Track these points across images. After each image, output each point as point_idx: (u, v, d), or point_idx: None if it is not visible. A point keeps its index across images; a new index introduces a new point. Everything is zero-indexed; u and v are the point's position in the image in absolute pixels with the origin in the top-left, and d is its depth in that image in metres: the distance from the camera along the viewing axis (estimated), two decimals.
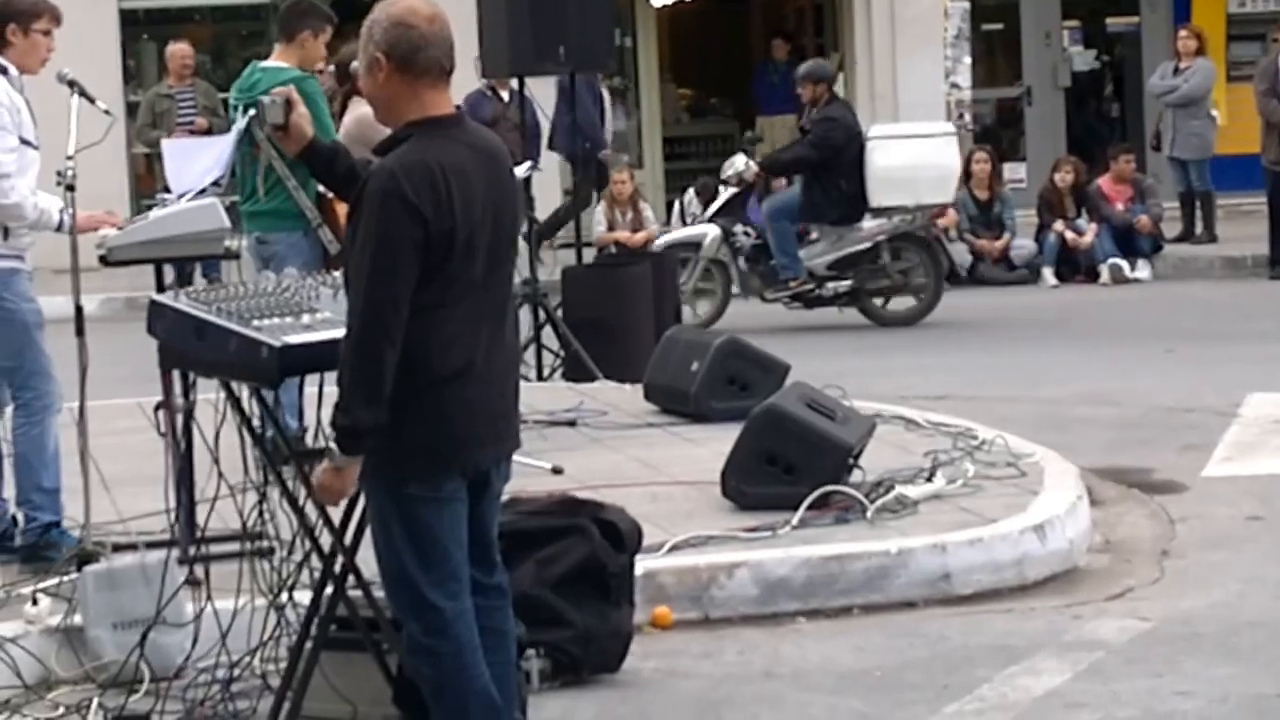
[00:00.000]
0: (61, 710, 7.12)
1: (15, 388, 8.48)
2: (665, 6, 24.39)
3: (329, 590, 6.35)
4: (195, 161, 9.19)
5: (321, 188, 10.29)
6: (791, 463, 8.96)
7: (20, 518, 8.56)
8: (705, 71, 24.95)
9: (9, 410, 8.57)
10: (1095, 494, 10.06)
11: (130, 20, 21.37)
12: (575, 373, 13.01)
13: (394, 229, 5.53)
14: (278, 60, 10.50)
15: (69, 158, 8.25)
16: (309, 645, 6.41)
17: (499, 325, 5.87)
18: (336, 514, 6.20)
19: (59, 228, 8.39)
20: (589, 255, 15.84)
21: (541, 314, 13.13)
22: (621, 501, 9.22)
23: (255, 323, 6.17)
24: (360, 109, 10.98)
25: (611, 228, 18.99)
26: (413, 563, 5.75)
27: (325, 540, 6.36)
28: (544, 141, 18.15)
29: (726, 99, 24.36)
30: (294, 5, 10.75)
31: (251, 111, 8.50)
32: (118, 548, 8.18)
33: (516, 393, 6.06)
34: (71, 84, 8.56)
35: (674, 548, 8.37)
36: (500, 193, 5.83)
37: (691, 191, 19.66)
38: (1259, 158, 19.21)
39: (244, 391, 6.57)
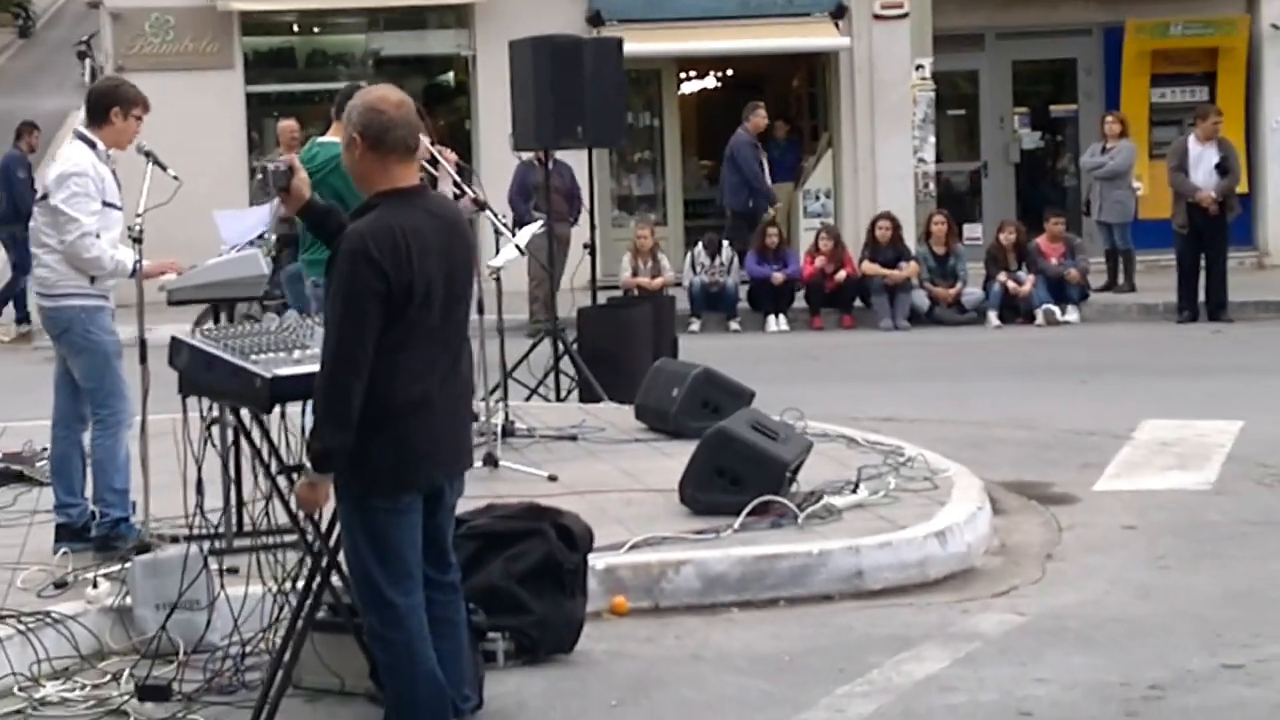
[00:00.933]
0: (107, 678, 6.99)
1: (95, 405, 8.38)
2: (691, 93, 24.30)
3: (317, 581, 6.22)
4: (242, 223, 9.13)
5: None
6: (737, 475, 8.77)
7: (96, 513, 8.47)
8: (722, 145, 24.71)
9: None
10: (1000, 504, 9.83)
11: (256, 100, 21.31)
12: (586, 395, 12.90)
13: (361, 284, 5.43)
14: (331, 136, 10.33)
15: (138, 215, 8.19)
16: (299, 626, 6.27)
17: (453, 362, 5.76)
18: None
19: (132, 274, 8.30)
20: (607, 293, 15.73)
21: (560, 346, 13.01)
22: (601, 505, 9.12)
23: (254, 357, 6.03)
24: None
25: (635, 274, 18.90)
26: (373, 564, 5.62)
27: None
28: (584, 201, 18.15)
29: None
30: (346, 91, 10.62)
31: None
32: (166, 540, 8.02)
33: (468, 419, 5.95)
34: (148, 154, 8.50)
35: (633, 546, 8.16)
36: (454, 251, 5.72)
37: (700, 245, 19.49)
38: (1170, 222, 19.03)
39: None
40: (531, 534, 7.14)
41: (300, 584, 6.41)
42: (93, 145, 8.37)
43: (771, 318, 19.00)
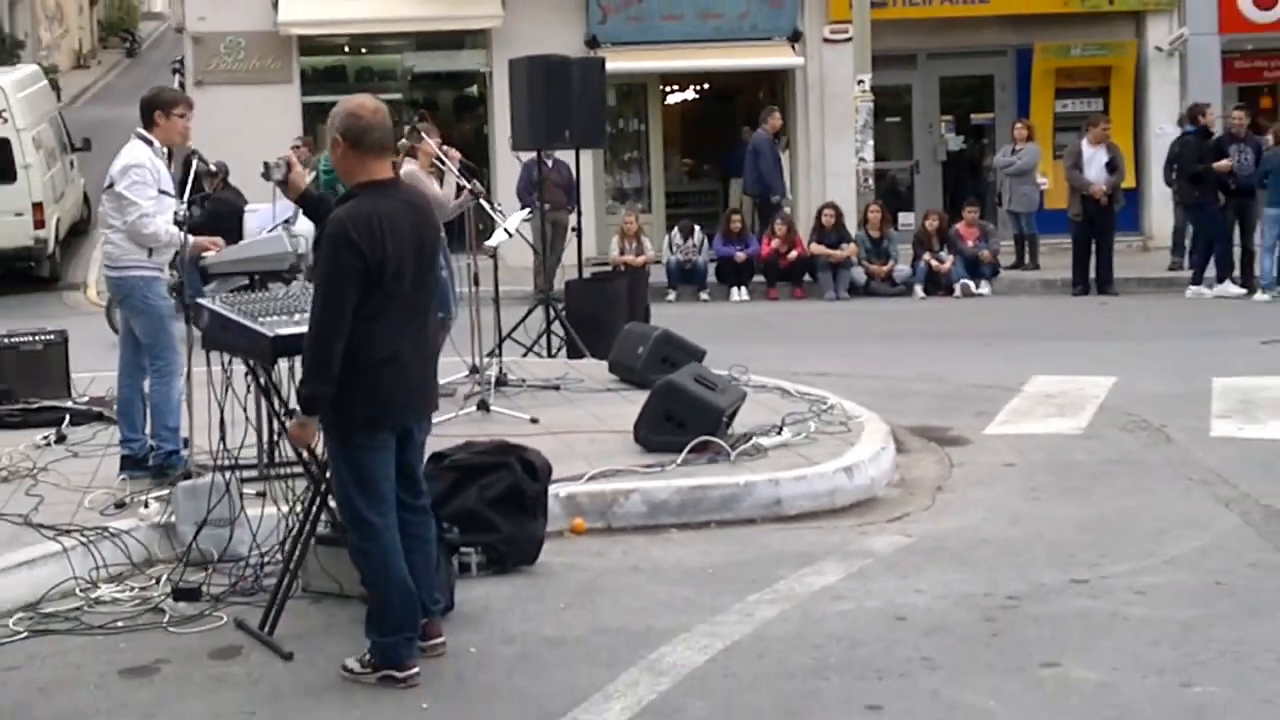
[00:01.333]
0: (153, 582, 6.99)
1: (152, 358, 8.36)
2: (676, 103, 24.15)
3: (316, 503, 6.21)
4: (266, 216, 9.09)
5: None
6: (682, 420, 8.72)
7: (153, 447, 8.45)
8: (699, 146, 24.62)
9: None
10: (904, 445, 9.78)
11: (311, 110, 21.13)
12: (573, 353, 12.83)
13: (341, 261, 5.41)
14: None
15: (181, 203, 8.16)
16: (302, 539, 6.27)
17: (421, 325, 5.72)
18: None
19: (179, 250, 8.29)
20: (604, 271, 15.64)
21: (551, 312, 12.96)
22: (570, 443, 9.07)
23: (260, 319, 6.01)
24: (406, 167, 10.80)
25: (622, 253, 18.81)
26: (354, 491, 5.61)
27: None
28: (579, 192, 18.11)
29: (714, 165, 24.01)
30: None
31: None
32: (205, 469, 8.00)
33: (433, 371, 5.91)
34: (193, 152, 8.46)
35: (591, 477, 8.13)
36: (423, 233, 5.68)
37: (676, 229, 19.40)
38: (1067, 211, 18.95)
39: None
40: (501, 466, 7.12)
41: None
42: (149, 143, 8.33)
43: (735, 289, 18.90)
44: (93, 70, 45.45)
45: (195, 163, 8.40)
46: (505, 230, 10.54)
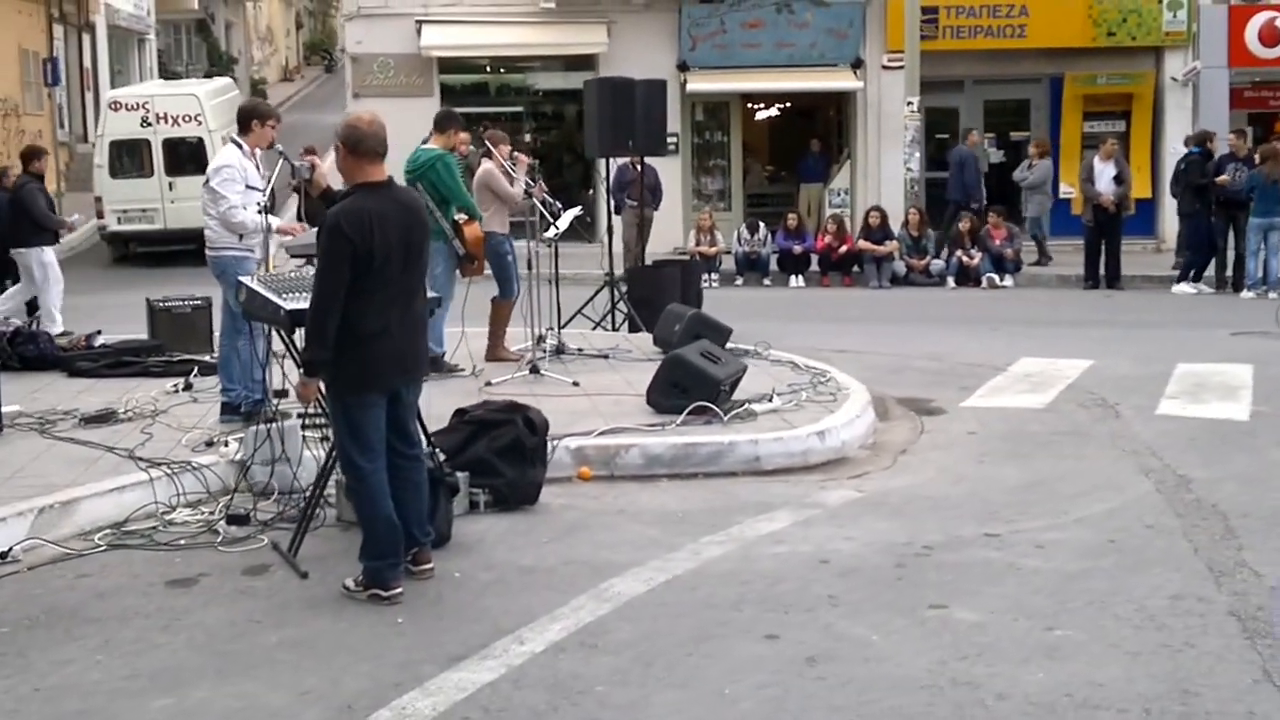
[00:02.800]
0: (219, 504, 7.06)
1: (244, 322, 8.41)
2: (763, 119, 23.94)
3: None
4: None
5: (458, 216, 10.22)
6: (685, 387, 8.62)
7: (246, 396, 8.54)
8: (779, 155, 24.37)
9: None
10: (888, 413, 9.59)
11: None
12: (633, 328, 12.79)
13: (335, 249, 5.41)
14: (432, 144, 10.31)
15: (263, 194, 8.23)
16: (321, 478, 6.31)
17: (408, 303, 5.68)
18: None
19: (265, 235, 8.36)
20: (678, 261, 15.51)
21: (616, 293, 12.92)
22: (595, 403, 9.02)
23: (284, 295, 6.04)
24: (484, 165, 10.84)
25: (697, 244, 18.70)
26: (347, 440, 5.62)
27: None
28: (663, 194, 18.09)
29: (791, 171, 23.75)
30: (445, 113, 10.60)
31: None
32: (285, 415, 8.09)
33: (421, 343, 5.84)
34: (280, 152, 8.50)
35: (601, 433, 8.09)
36: (411, 228, 5.63)
37: (744, 225, 19.24)
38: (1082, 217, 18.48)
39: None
40: (507, 422, 7.10)
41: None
42: (240, 146, 8.40)
43: (793, 278, 18.70)
44: (296, 83, 46.21)
45: (281, 162, 8.44)
46: (556, 226, 10.50)
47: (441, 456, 6.95)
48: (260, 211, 8.09)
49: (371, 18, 21.31)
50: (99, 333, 11.68)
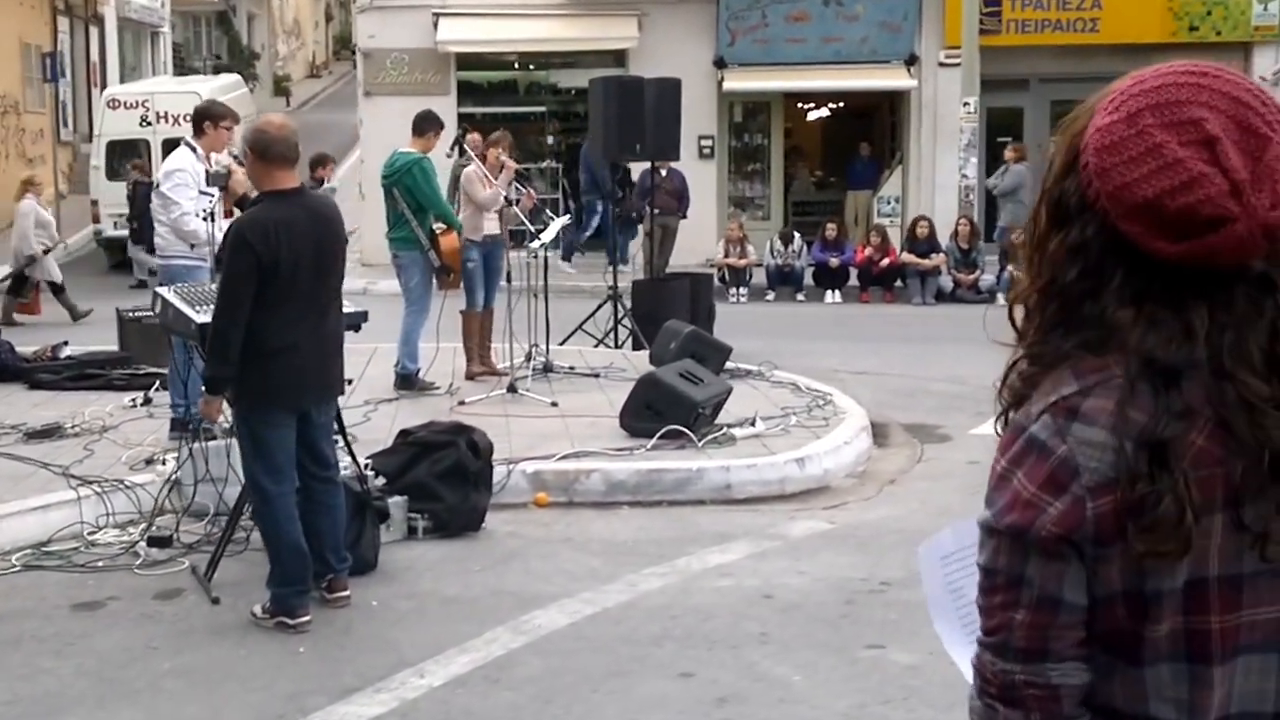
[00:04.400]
0: (146, 526, 7.25)
1: None
2: (803, 120, 24.08)
3: None
4: None
5: (435, 225, 10.45)
6: (660, 409, 8.76)
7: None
8: (827, 160, 24.46)
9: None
10: (889, 439, 9.68)
11: (464, 119, 21.20)
12: (636, 345, 12.91)
13: (238, 260, 5.62)
14: (409, 148, 10.55)
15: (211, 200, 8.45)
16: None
17: (321, 317, 5.86)
18: None
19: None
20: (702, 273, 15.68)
21: (620, 309, 13.11)
22: (571, 425, 9.18)
23: (197, 307, 6.27)
24: (468, 170, 11.07)
25: (726, 255, 18.84)
26: (252, 460, 5.82)
27: None
28: (689, 201, 18.31)
29: (840, 177, 23.82)
30: (423, 114, 10.82)
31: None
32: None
33: (334, 359, 6.03)
34: (236, 157, 8.73)
35: (563, 457, 8.26)
36: (322, 237, 5.82)
37: (777, 236, 19.37)
38: None
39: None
40: (450, 444, 7.29)
41: None
42: (194, 150, 8.65)
43: (829, 292, 18.76)
44: (323, 79, 46.89)
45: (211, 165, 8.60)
46: (538, 238, 10.72)
47: (381, 480, 7.19)
48: (205, 219, 8.32)
49: (385, 10, 21.66)
50: (65, 343, 12.04)
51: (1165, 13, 21.77)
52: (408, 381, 10.40)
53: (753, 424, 9.06)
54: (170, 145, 20.65)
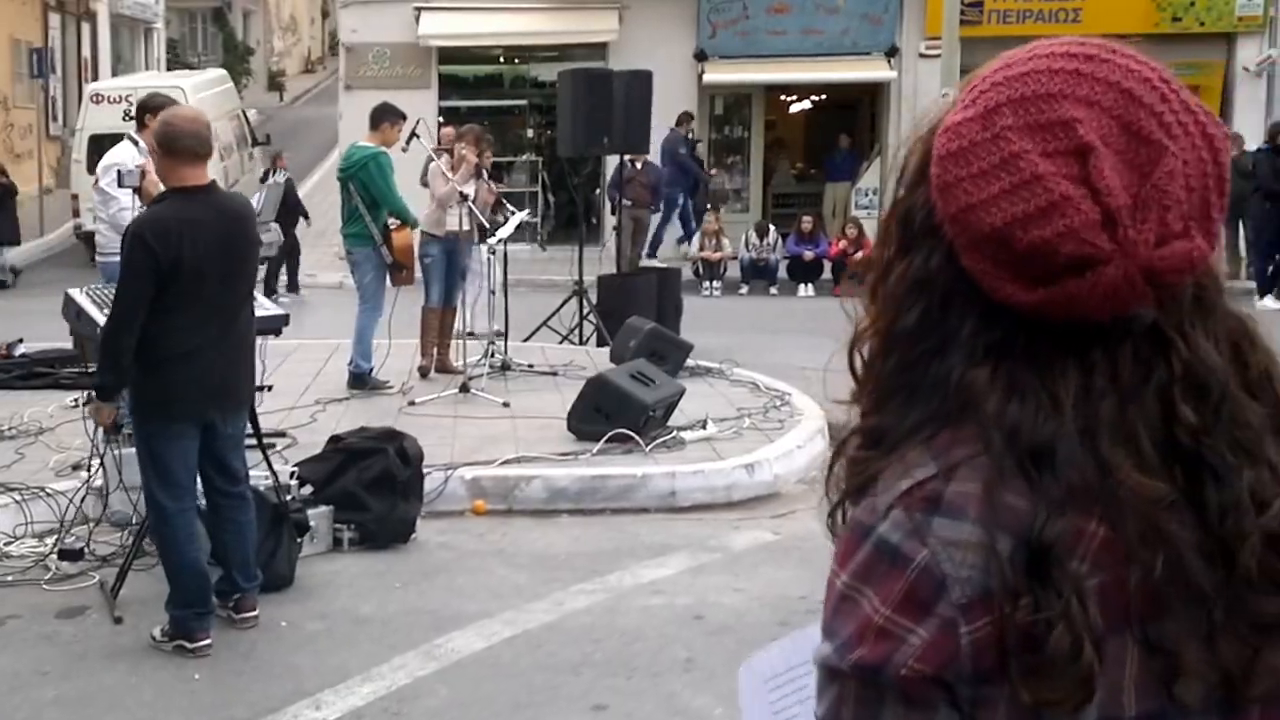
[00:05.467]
0: (58, 538, 6.84)
1: None
2: (782, 112, 23.62)
3: None
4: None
5: (390, 221, 10.02)
6: (609, 412, 8.33)
7: None
8: (812, 151, 23.97)
9: None
10: None
11: (446, 113, 20.76)
12: (600, 341, 12.49)
13: (136, 260, 5.19)
14: (366, 141, 10.11)
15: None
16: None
17: (229, 322, 5.41)
18: None
19: None
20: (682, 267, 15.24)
21: (584, 305, 12.68)
22: (518, 427, 8.74)
23: (104, 311, 5.85)
24: (433, 164, 10.68)
25: (702, 249, 18.42)
26: (150, 475, 5.40)
27: None
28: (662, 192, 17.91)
29: (820, 169, 23.35)
30: (380, 106, 10.36)
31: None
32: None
33: (242, 368, 5.60)
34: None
35: (504, 462, 7.84)
36: (232, 237, 5.38)
37: (752, 229, 18.93)
38: None
39: None
40: (378, 451, 6.87)
41: None
42: (135, 143, 8.23)
43: (802, 286, 18.33)
44: (317, 74, 46.42)
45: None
46: (496, 234, 10.30)
47: (308, 489, 6.77)
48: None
49: (368, 4, 21.20)
50: (20, 341, 11.60)
51: (1148, 3, 21.34)
52: (360, 380, 9.98)
53: (704, 426, 8.63)
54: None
